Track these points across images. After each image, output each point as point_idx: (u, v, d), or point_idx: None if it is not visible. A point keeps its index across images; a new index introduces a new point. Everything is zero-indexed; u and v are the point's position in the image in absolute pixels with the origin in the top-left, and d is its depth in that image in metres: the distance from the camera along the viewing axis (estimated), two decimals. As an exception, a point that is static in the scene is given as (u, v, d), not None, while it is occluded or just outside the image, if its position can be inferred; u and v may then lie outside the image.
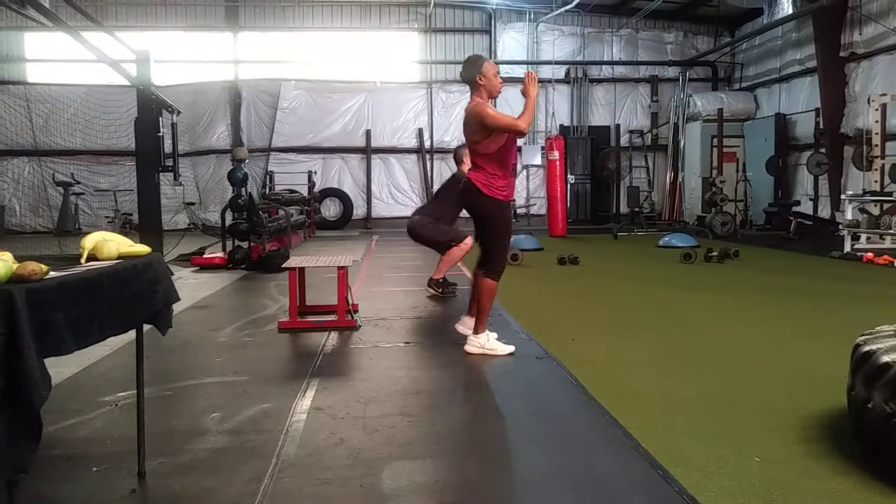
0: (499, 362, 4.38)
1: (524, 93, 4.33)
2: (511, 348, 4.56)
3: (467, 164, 6.69)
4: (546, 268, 9.02)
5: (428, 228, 6.88)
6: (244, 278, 8.35)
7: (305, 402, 3.52)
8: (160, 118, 8.48)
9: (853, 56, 13.78)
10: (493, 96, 4.50)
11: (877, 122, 11.35)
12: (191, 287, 7.55)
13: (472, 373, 4.24)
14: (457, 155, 6.93)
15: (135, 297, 2.42)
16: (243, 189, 9.76)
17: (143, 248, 2.60)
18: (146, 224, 8.45)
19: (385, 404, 3.49)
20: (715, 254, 9.33)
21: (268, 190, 15.64)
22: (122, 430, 3.10)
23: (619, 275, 8.59)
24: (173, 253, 9.68)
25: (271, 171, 16.82)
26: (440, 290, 6.79)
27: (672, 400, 3.54)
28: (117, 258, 2.46)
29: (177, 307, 6.06)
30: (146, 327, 2.64)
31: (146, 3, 17.22)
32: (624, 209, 16.86)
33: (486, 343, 4.53)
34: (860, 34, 13.61)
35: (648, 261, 9.93)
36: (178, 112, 9.30)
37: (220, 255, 9.42)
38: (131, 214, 13.92)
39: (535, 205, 17.79)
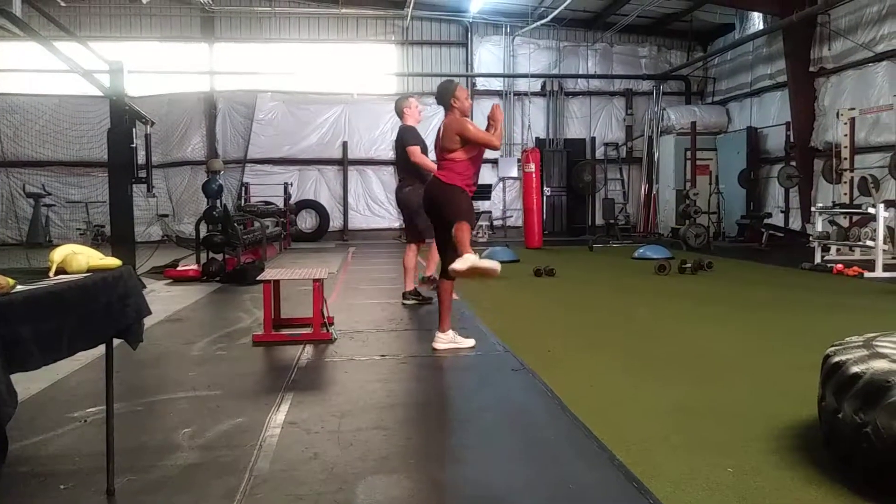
0: (475, 375, 4.38)
1: (491, 118, 4.94)
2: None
3: (409, 116, 6.88)
4: (522, 279, 9.04)
5: (415, 206, 6.69)
6: (218, 291, 8.27)
7: (279, 416, 3.48)
8: (133, 129, 8.39)
9: (822, 71, 14.07)
10: (464, 114, 5.00)
11: (845, 135, 11.58)
12: (164, 300, 7.46)
13: (448, 386, 4.23)
14: (397, 107, 6.94)
15: (104, 311, 2.38)
16: (218, 201, 9.68)
17: (113, 262, 2.56)
18: (119, 236, 8.34)
19: (360, 418, 3.47)
20: (689, 265, 9.42)
21: (243, 202, 15.54)
22: (91, 447, 3.04)
23: (595, 286, 8.65)
24: (146, 265, 9.56)
25: (247, 183, 16.71)
26: (419, 298, 6.79)
27: (646, 411, 3.55)
28: (87, 271, 2.43)
29: (149, 320, 5.97)
30: (116, 341, 2.60)
31: (120, 13, 17.09)
32: (599, 221, 17.01)
33: (467, 260, 4.56)
34: (829, 49, 13.91)
35: (624, 272, 10.01)
36: (152, 123, 9.20)
37: (195, 267, 9.32)
38: (103, 226, 13.73)
39: (511, 217, 17.87)
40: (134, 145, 8.35)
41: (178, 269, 9.37)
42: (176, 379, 4.31)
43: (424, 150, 6.71)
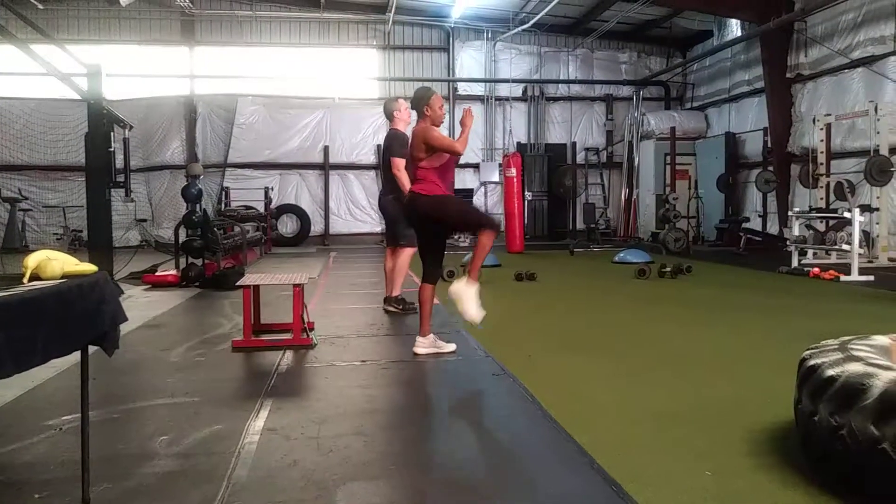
0: (455, 380, 4.38)
1: (461, 123, 4.97)
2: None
3: (399, 119, 6.84)
4: (503, 284, 9.06)
5: (396, 214, 6.63)
6: (198, 296, 8.20)
7: (258, 422, 3.45)
8: (112, 133, 8.31)
9: (799, 77, 14.27)
10: (436, 124, 5.01)
11: (822, 141, 11.74)
12: (142, 306, 7.39)
13: (429, 391, 4.22)
14: (387, 109, 6.87)
15: (79, 318, 2.35)
16: (198, 205, 9.60)
17: (88, 267, 2.53)
18: (96, 241, 8.25)
19: (340, 424, 3.45)
20: (668, 269, 9.49)
21: (223, 206, 15.43)
22: (66, 455, 2.99)
23: (576, 291, 8.68)
24: (124, 271, 9.46)
25: (227, 188, 16.61)
26: (400, 308, 6.75)
27: (626, 415, 3.57)
28: (61, 277, 2.40)
29: (127, 327, 5.91)
30: (92, 348, 2.57)
31: (99, 16, 16.95)
32: (580, 225, 17.10)
33: (466, 295, 4.71)
34: (806, 56, 14.11)
35: (604, 276, 10.06)
36: (131, 127, 9.13)
37: (174, 272, 9.24)
38: (81, 231, 13.58)
39: (493, 221, 17.87)
40: (112, 149, 8.27)
41: (157, 274, 9.28)
42: (154, 385, 4.26)
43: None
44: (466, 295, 4.71)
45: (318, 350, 5.16)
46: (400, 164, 6.47)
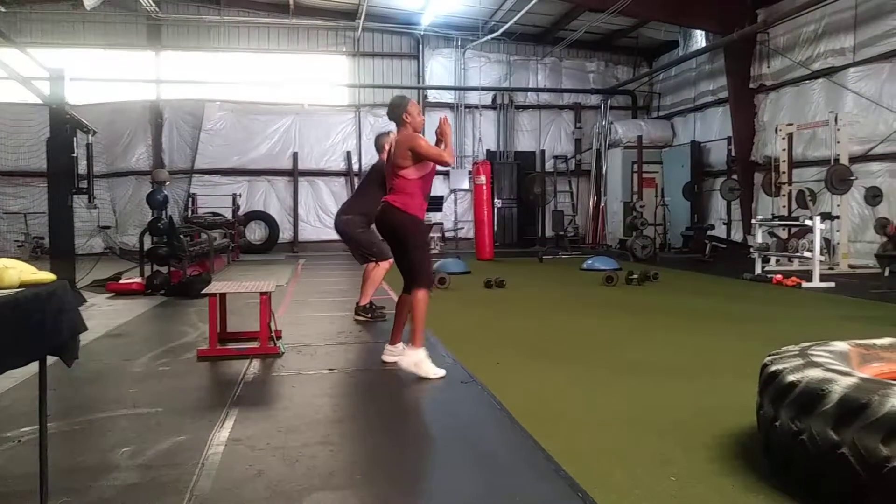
0: (423, 388, 4.36)
1: (440, 133, 4.78)
2: (442, 372, 4.57)
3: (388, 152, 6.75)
4: (473, 291, 9.08)
5: (359, 233, 6.70)
6: (163, 305, 8.08)
7: (223, 433, 3.40)
8: (75, 138, 8.16)
9: (762, 87, 14.57)
10: (416, 130, 4.87)
11: (784, 150, 11.99)
12: (105, 314, 7.26)
13: (397, 399, 4.20)
14: (378, 142, 6.81)
15: (37, 328, 2.30)
16: (163, 212, 9.46)
17: (47, 276, 2.48)
18: (58, 248, 8.08)
19: (307, 433, 3.42)
20: (635, 276, 9.60)
21: (190, 213, 15.23)
22: (25, 468, 2.92)
23: (544, 298, 8.73)
24: (87, 279, 9.28)
25: (194, 194, 16.38)
26: (368, 316, 6.73)
27: (593, 421, 3.60)
28: (19, 286, 2.34)
29: (89, 336, 5.82)
30: (51, 359, 2.51)
31: (63, 19, 16.64)
32: (549, 233, 17.20)
33: (422, 362, 4.53)
34: (768, 67, 14.42)
35: (572, 283, 10.14)
36: (94, 132, 8.98)
37: (138, 280, 9.09)
38: (43, 238, 13.29)
39: (462, 228, 17.95)
40: (75, 155, 8.12)
41: (121, 282, 9.13)
42: (116, 396, 4.18)
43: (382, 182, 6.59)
44: (418, 363, 4.51)
45: (285, 358, 5.11)
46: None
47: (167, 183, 10.42)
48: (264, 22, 17.74)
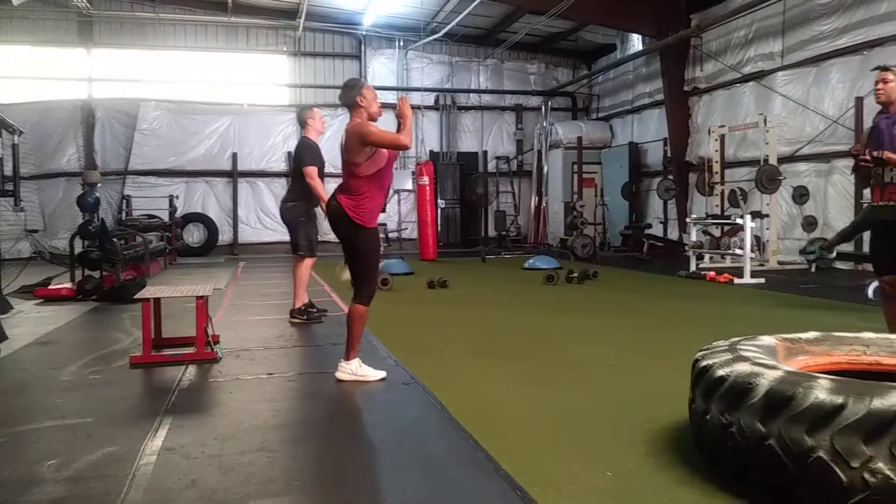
0: (364, 390, 4.33)
1: (400, 115, 4.39)
2: (382, 374, 4.53)
3: (311, 128, 6.62)
4: (416, 292, 9.07)
5: (299, 222, 6.60)
6: (95, 310, 7.80)
7: (156, 442, 3.31)
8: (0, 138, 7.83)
9: (696, 90, 14.99)
10: (372, 119, 4.46)
11: (716, 151, 12.35)
12: (33, 321, 6.97)
13: (337, 402, 4.16)
14: (300, 117, 6.73)
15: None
16: (95, 214, 9.16)
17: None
18: (-19, 253, 7.73)
19: (244, 440, 3.35)
20: (575, 275, 9.75)
21: (124, 215, 14.79)
22: (-60, 485, 2.78)
23: (486, 297, 8.79)
24: (14, 284, 8.89)
25: (128, 196, 15.93)
26: (304, 318, 6.65)
27: (532, 420, 3.63)
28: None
29: (15, 344, 5.60)
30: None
31: (-13, 15, 15.94)
32: (492, 232, 17.33)
33: (358, 369, 4.47)
34: (702, 70, 14.84)
35: (514, 283, 10.23)
36: (21, 132, 8.62)
37: (69, 285, 8.76)
38: (-35, 243, 12.68)
39: (406, 229, 17.91)
40: (0, 155, 7.79)
41: (50, 287, 8.78)
42: (43, 406, 4.01)
43: (322, 170, 6.52)
44: (354, 371, 4.44)
45: (222, 364, 5.00)
46: (313, 172, 6.39)
47: (99, 185, 10.09)
48: (202, 20, 17.34)
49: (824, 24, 11.64)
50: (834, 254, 9.46)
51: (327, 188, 5.95)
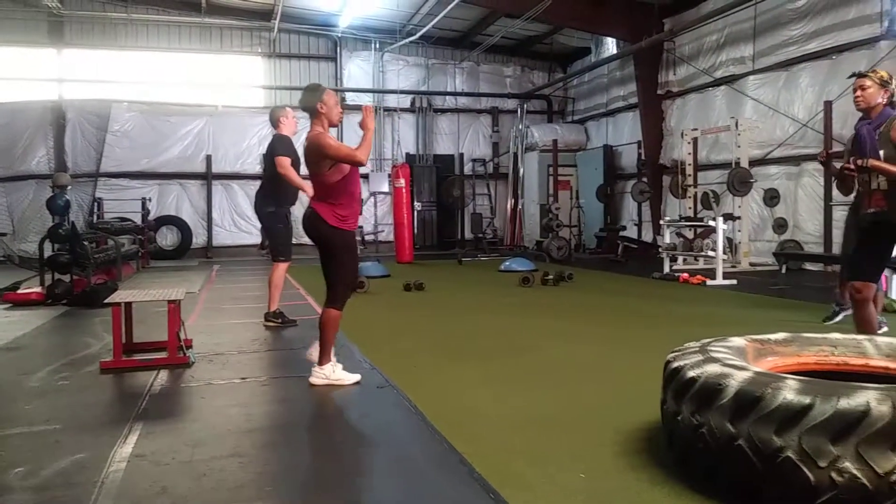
0: (339, 394, 4.31)
1: (362, 126, 4.36)
2: (357, 377, 4.50)
3: (284, 126, 6.58)
4: (392, 295, 9.05)
5: (276, 228, 6.59)
6: (65, 315, 7.68)
7: (126, 448, 3.26)
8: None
9: (669, 94, 15.16)
10: (333, 125, 4.47)
11: (689, 154, 12.50)
12: (1, 326, 6.85)
13: (311, 407, 4.13)
14: (272, 116, 6.70)
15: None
16: (65, 217, 9.01)
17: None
18: (-53, 257, 7.58)
19: (215, 446, 3.31)
20: (551, 277, 9.80)
21: (95, 218, 14.58)
22: None
23: (462, 300, 8.79)
24: (-19, 289, 8.74)
25: (100, 199, 15.70)
26: (279, 321, 6.60)
27: (507, 422, 3.63)
28: None
29: (-23, 350, 5.43)
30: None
31: (-46, 14, 15.64)
32: (469, 235, 17.35)
33: (332, 374, 4.45)
34: (675, 74, 15.01)
35: (490, 285, 10.25)
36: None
37: (38, 289, 8.61)
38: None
39: (382, 231, 17.88)
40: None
41: (19, 291, 8.62)
42: (10, 414, 3.94)
43: (296, 164, 6.40)
44: (328, 376, 4.41)
45: (195, 368, 4.94)
46: (286, 161, 6.33)
47: (69, 187, 9.94)
48: (175, 20, 17.17)
49: (794, 29, 11.84)
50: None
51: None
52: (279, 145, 6.46)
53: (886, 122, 4.25)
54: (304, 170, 6.72)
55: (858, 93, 4.44)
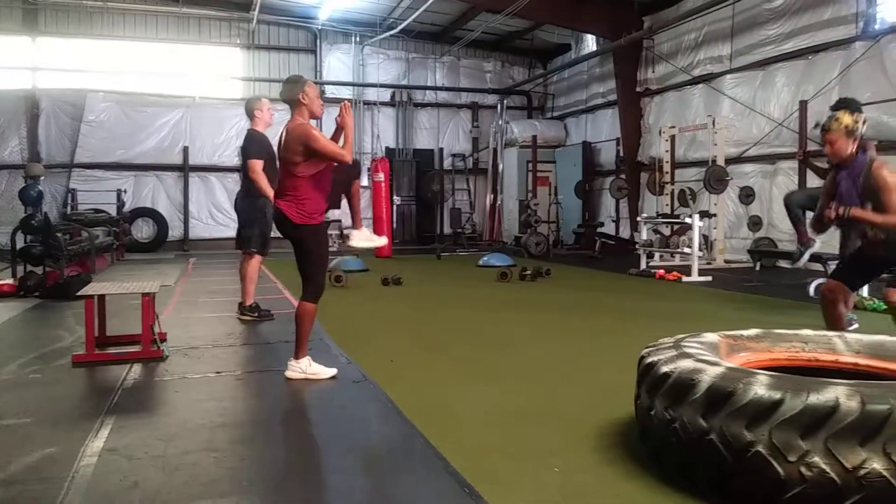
0: (315, 388, 4.29)
1: (341, 123, 4.35)
2: (333, 371, 4.49)
3: (260, 119, 6.47)
4: (370, 289, 9.02)
5: (254, 219, 6.46)
6: (37, 307, 7.57)
7: (97, 443, 3.22)
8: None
9: (648, 91, 15.25)
10: (314, 117, 4.41)
11: (667, 151, 12.59)
12: (-30, 319, 6.73)
13: (287, 401, 4.11)
14: (248, 108, 6.58)
15: None
16: (38, 208, 8.86)
17: None
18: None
19: (189, 440, 3.28)
20: (529, 272, 9.83)
21: (69, 209, 14.36)
22: None
23: (440, 294, 8.80)
24: (-49, 280, 8.57)
25: (74, 190, 15.45)
26: (255, 315, 6.55)
27: (483, 417, 3.64)
28: None
29: (-54, 343, 5.33)
30: None
31: (-78, 0, 15.28)
32: (448, 230, 17.34)
33: (308, 368, 4.43)
34: (653, 72, 15.11)
35: (469, 280, 10.27)
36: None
37: (10, 281, 8.47)
38: None
39: (361, 225, 17.77)
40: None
41: (-10, 283, 8.48)
42: (-22, 407, 3.87)
43: (272, 161, 6.24)
44: (304, 370, 4.38)
45: (169, 362, 4.89)
46: (257, 165, 6.26)
47: (42, 178, 9.78)
48: (152, 10, 16.93)
49: (771, 28, 11.97)
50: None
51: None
52: (253, 146, 6.33)
53: (864, 172, 4.23)
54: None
55: (828, 148, 4.38)
